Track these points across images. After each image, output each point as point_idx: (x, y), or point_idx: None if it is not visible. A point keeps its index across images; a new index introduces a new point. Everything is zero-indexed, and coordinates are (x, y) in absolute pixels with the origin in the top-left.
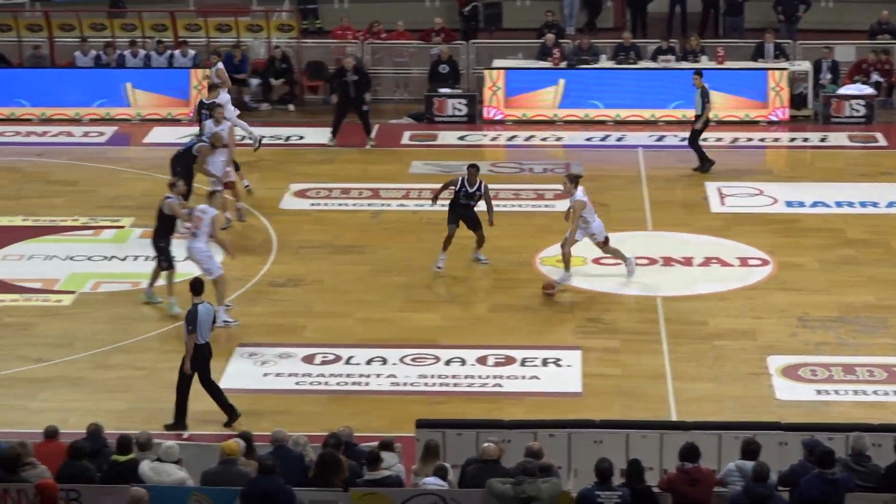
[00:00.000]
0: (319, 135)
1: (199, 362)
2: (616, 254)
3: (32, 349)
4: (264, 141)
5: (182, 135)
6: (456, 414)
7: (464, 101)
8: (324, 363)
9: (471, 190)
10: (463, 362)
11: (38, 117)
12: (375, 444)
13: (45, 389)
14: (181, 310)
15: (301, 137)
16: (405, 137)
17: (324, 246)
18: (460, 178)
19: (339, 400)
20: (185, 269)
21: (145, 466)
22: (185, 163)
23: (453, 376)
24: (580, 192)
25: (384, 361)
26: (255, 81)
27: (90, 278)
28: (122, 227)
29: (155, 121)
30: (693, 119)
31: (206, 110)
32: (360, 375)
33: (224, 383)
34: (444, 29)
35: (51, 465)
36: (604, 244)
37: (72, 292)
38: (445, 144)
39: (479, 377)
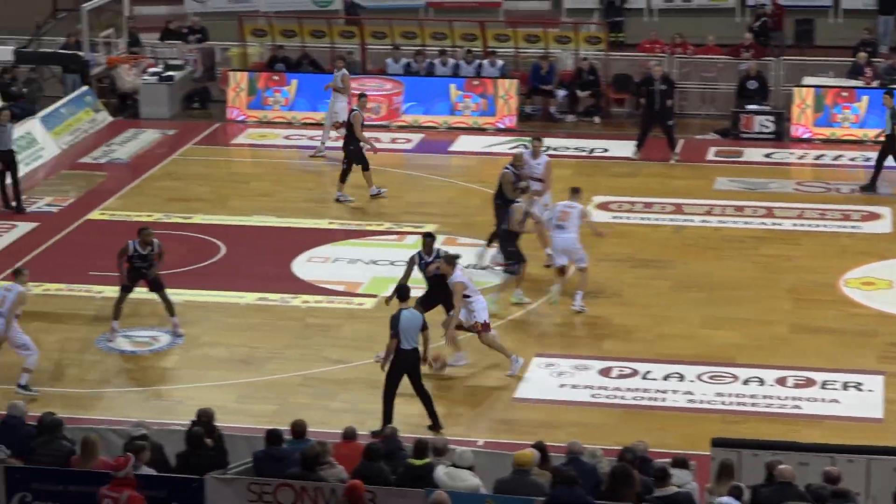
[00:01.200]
0: (624, 148)
1: (403, 367)
2: (492, 345)
3: (334, 350)
4: (568, 153)
5: (486, 144)
6: (752, 434)
7: (771, 118)
8: (620, 377)
9: (427, 259)
10: (761, 382)
11: None
12: (668, 460)
13: (345, 391)
14: (528, 299)
15: (605, 150)
16: (710, 153)
17: (625, 259)
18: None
19: (634, 414)
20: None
21: (440, 471)
22: (502, 196)
23: (751, 396)
24: (458, 273)
25: (681, 378)
26: (561, 93)
27: (392, 283)
28: None
29: (461, 129)
30: (882, 139)
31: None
32: (657, 391)
33: (520, 392)
34: (753, 45)
35: (347, 465)
36: (482, 328)
37: (373, 296)
38: (751, 161)
39: (778, 398)
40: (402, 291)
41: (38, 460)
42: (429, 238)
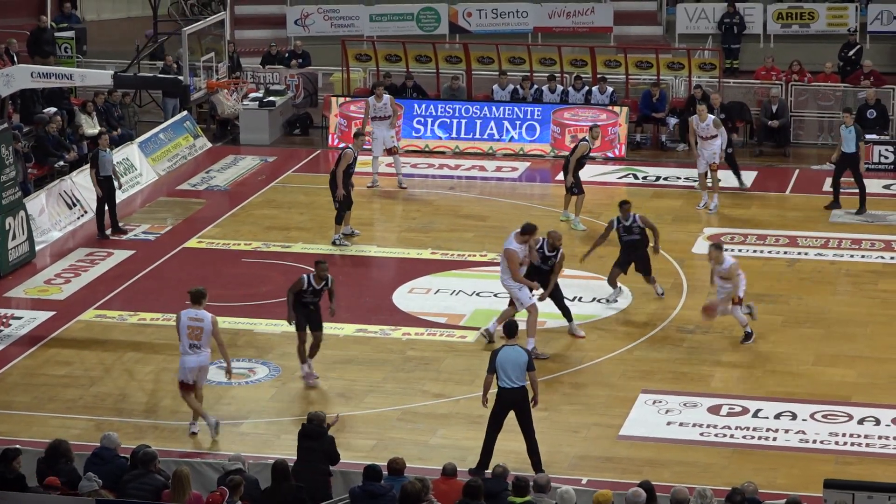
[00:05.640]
0: (735, 178)
1: (506, 406)
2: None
3: (434, 384)
4: (684, 182)
5: (595, 173)
6: (867, 476)
7: (891, 148)
8: (730, 415)
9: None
10: (877, 422)
11: (452, 150)
12: (781, 502)
13: (445, 426)
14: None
15: (718, 181)
16: (827, 184)
17: None
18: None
19: (743, 454)
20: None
21: None
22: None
23: (866, 436)
24: (729, 258)
25: (793, 416)
26: (672, 121)
27: (495, 315)
28: None
29: None
30: None
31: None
32: (768, 430)
33: (626, 430)
34: (874, 72)
35: (447, 502)
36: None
37: (476, 329)
38: (869, 193)
39: (894, 438)
40: (509, 328)
41: (131, 494)
42: (625, 204)
